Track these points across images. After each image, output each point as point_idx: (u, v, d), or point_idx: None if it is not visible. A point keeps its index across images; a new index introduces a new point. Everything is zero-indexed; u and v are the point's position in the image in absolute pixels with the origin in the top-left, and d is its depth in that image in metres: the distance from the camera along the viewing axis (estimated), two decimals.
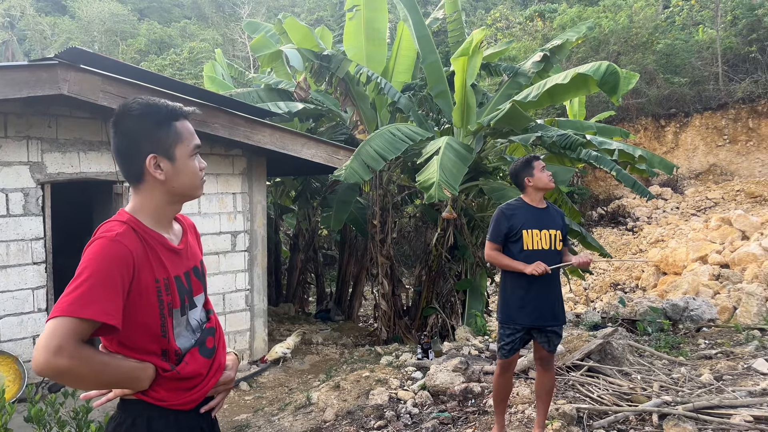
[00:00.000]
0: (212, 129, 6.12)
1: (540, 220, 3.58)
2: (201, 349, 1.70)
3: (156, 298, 1.58)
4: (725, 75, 19.87)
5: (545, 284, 3.49)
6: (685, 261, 12.68)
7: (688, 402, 4.00)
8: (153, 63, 22.23)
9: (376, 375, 5.14)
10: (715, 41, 19.87)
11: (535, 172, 3.60)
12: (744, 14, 20.10)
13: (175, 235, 1.73)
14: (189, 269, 1.72)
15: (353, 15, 8.35)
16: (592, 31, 9.04)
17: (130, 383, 1.59)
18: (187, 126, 1.68)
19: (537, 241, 3.53)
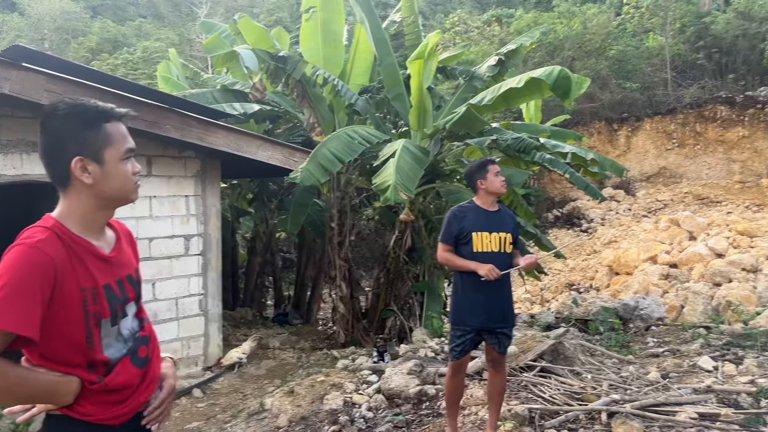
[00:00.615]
0: (164, 130, 5.98)
1: (490, 223, 3.61)
2: (133, 358, 1.63)
3: (81, 308, 1.50)
4: (674, 81, 20.54)
5: (495, 286, 3.51)
6: (637, 261, 13.03)
7: (636, 400, 4.10)
8: (105, 62, 21.64)
9: (331, 379, 5.10)
10: (665, 48, 20.53)
11: (489, 176, 3.63)
12: (691, 22, 20.84)
13: (106, 243, 1.65)
14: (122, 277, 1.65)
15: (309, 16, 8.29)
16: (545, 36, 9.21)
17: (51, 398, 1.51)
18: (120, 128, 1.61)
19: (486, 244, 3.55)
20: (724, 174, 19.07)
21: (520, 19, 22.51)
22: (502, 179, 3.66)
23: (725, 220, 14.09)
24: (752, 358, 5.12)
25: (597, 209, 18.72)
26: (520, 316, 8.01)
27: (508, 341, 3.64)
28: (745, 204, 17.11)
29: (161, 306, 6.60)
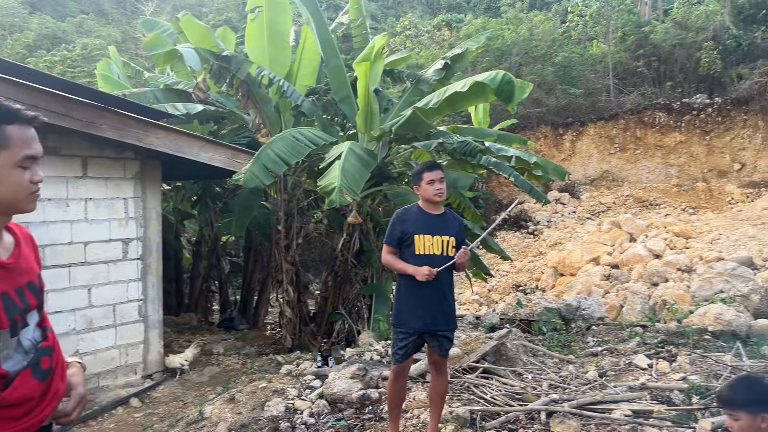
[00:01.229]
0: (100, 130, 5.76)
1: (433, 226, 3.62)
2: (34, 371, 1.54)
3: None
4: (616, 87, 21.24)
5: (436, 289, 3.52)
6: (580, 262, 13.37)
7: (574, 399, 4.18)
8: (42, 59, 20.77)
9: (273, 385, 5.01)
10: (607, 56, 21.20)
11: (423, 184, 3.64)
12: (632, 31, 21.61)
13: (4, 248, 1.55)
14: (22, 285, 1.55)
15: (255, 16, 8.16)
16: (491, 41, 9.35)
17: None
18: (24, 132, 1.51)
19: (429, 246, 3.57)
20: (662, 178, 19.84)
21: (469, 24, 22.85)
22: (438, 187, 3.61)
23: (663, 223, 14.64)
24: (684, 355, 5.30)
25: (543, 212, 19.14)
26: (466, 318, 8.09)
27: (449, 344, 3.65)
28: (681, 207, 17.84)
29: (97, 312, 6.36)
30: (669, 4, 24.82)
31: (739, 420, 2.24)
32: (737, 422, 2.25)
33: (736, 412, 2.26)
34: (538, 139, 20.82)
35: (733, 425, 2.29)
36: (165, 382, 6.59)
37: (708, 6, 20.98)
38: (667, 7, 24.66)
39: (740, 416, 2.24)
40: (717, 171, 19.25)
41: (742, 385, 2.33)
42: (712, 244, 12.57)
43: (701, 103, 19.54)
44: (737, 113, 18.89)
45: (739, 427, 2.25)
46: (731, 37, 19.29)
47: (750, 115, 18.65)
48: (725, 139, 19.14)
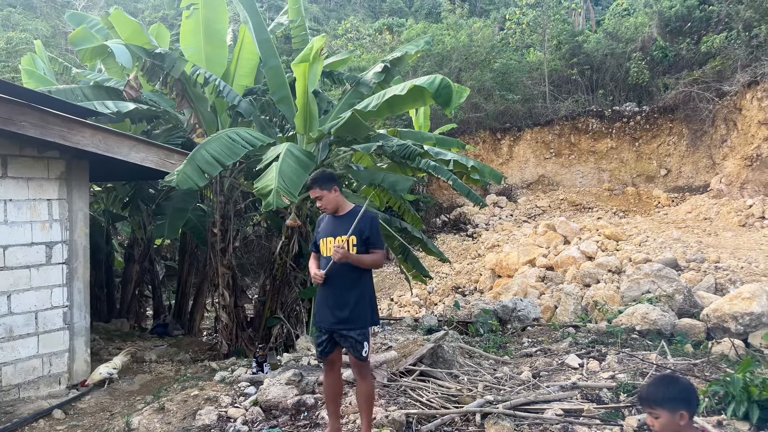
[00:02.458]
0: (20, 128, 5.45)
1: (333, 228, 3.79)
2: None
3: None
4: (551, 94, 21.90)
5: (333, 288, 3.67)
6: (517, 264, 13.68)
7: (508, 400, 4.24)
8: None
9: (206, 393, 4.86)
10: (543, 63, 21.83)
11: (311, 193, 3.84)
12: (567, 40, 22.34)
13: None
14: None
15: (190, 14, 7.93)
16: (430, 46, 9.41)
17: None
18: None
19: (330, 248, 3.70)
20: (595, 182, 20.58)
21: (410, 29, 23.05)
22: (318, 205, 3.82)
23: (595, 225, 15.17)
24: (613, 354, 5.48)
25: (481, 215, 19.49)
26: (405, 320, 8.11)
27: (359, 346, 3.65)
28: (612, 210, 18.55)
29: (18, 320, 6.01)
30: (601, 15, 25.83)
31: (659, 417, 2.33)
32: (657, 420, 2.34)
33: (656, 410, 2.34)
34: (477, 144, 21.21)
35: (654, 423, 2.37)
36: (92, 392, 6.28)
37: (637, 18, 21.94)
38: (599, 18, 25.67)
39: (660, 413, 2.32)
40: (645, 176, 20.13)
41: (661, 383, 2.42)
42: (641, 246, 13.12)
43: (631, 110, 20.41)
44: (664, 121, 19.83)
45: (659, 424, 2.34)
46: (658, 48, 20.24)
47: (675, 123, 19.62)
48: (653, 146, 20.05)
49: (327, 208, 3.78)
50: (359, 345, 3.64)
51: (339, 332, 3.65)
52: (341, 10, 35.45)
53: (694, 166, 19.25)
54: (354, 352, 3.63)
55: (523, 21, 23.56)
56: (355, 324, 3.64)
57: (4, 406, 5.60)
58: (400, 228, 8.48)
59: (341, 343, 3.68)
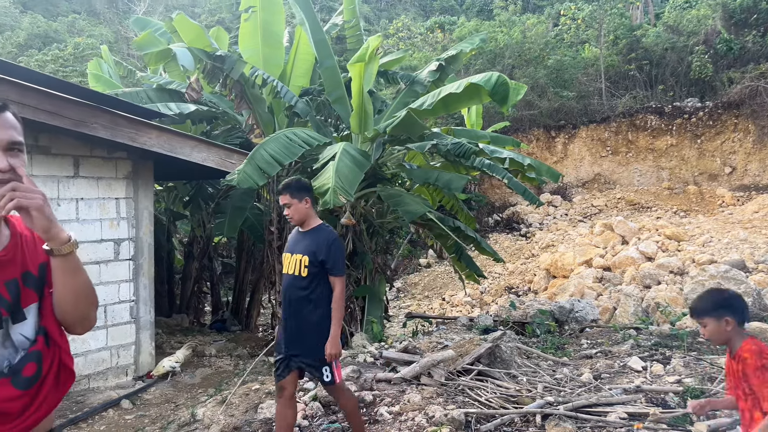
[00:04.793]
0: (91, 129, 5.70)
1: (294, 245, 3.58)
2: (15, 379, 1.46)
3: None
4: (608, 91, 21.33)
5: (288, 314, 3.55)
6: (573, 265, 13.40)
7: (569, 402, 4.16)
8: (33, 58, 20.62)
9: (266, 387, 4.96)
10: (599, 59, 21.30)
11: (280, 198, 3.61)
12: (624, 34, 21.71)
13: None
14: (16, 277, 1.50)
15: (249, 16, 8.11)
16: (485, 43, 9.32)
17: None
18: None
19: (287, 265, 3.57)
20: (653, 180, 19.93)
21: (462, 27, 22.88)
22: (285, 213, 3.55)
23: (655, 225, 14.69)
24: (679, 358, 5.30)
25: (535, 214, 19.18)
26: (459, 320, 8.07)
27: (319, 374, 3.46)
28: (673, 209, 17.92)
29: None
30: (660, 8, 25.00)
31: (707, 326, 2.58)
32: (706, 328, 2.60)
33: (703, 319, 2.59)
34: (530, 142, 20.87)
35: (704, 332, 2.64)
36: (156, 383, 6.52)
37: (699, 10, 21.13)
38: (658, 11, 24.85)
39: (707, 322, 2.58)
40: (708, 174, 19.36)
41: (707, 294, 2.69)
42: (704, 247, 12.64)
43: (692, 106, 19.66)
44: (728, 117, 19.01)
45: (708, 332, 2.60)
46: (723, 41, 19.43)
47: (741, 119, 18.78)
48: (716, 143, 19.26)
49: (294, 218, 3.52)
50: (320, 374, 3.45)
51: (296, 359, 3.49)
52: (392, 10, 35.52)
53: (761, 164, 18.38)
54: (320, 379, 3.48)
55: (579, 16, 23.03)
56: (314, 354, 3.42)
57: (75, 396, 5.88)
58: (453, 227, 8.43)
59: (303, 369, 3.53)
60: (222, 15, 30.79)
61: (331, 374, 3.44)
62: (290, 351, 3.49)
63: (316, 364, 3.44)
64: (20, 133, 1.48)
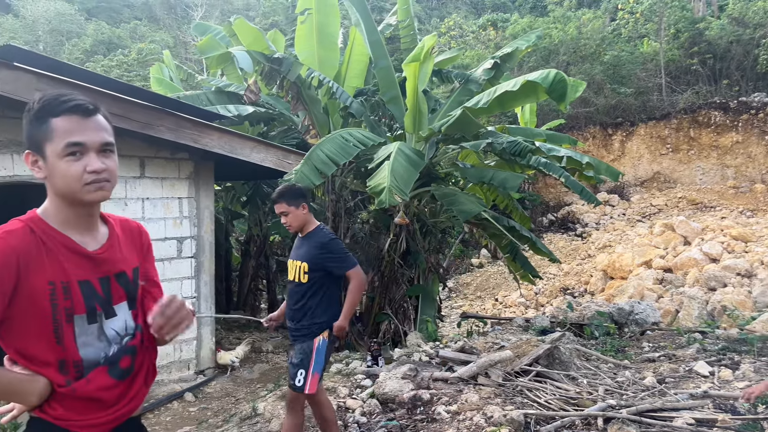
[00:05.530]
0: (157, 132, 5.93)
1: (295, 251, 3.63)
2: (111, 369, 1.55)
3: (48, 301, 1.45)
4: (668, 86, 20.61)
5: (289, 318, 3.64)
6: (631, 266, 13.02)
7: (632, 405, 4.06)
8: (99, 64, 21.56)
9: (324, 383, 5.04)
10: (659, 53, 20.60)
11: (276, 207, 3.61)
12: (686, 28, 20.92)
13: (93, 239, 1.59)
14: (109, 275, 1.58)
15: (305, 19, 8.25)
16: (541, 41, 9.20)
17: (13, 397, 1.46)
18: (67, 122, 1.48)
19: (290, 272, 3.61)
20: (718, 179, 19.13)
21: (515, 24, 22.55)
22: (283, 221, 3.56)
23: (719, 225, 14.11)
24: (748, 363, 5.09)
25: (592, 214, 18.73)
26: (515, 320, 7.98)
27: (293, 375, 3.54)
28: (739, 209, 17.15)
29: None
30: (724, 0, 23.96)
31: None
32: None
33: None
34: (586, 140, 20.38)
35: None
36: (217, 378, 6.72)
37: (766, 1, 20.15)
38: (722, 2, 23.82)
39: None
40: None
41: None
42: None
43: (760, 101, 18.76)
44: None
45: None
46: None
47: None
48: None
49: (292, 225, 3.52)
50: (293, 371, 3.51)
51: None
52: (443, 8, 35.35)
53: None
54: (290, 380, 3.53)
55: (637, 10, 22.32)
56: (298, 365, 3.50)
57: None
58: (508, 226, 8.34)
59: None
60: (275, 18, 31.36)
61: (303, 380, 3.45)
62: None
63: (297, 363, 3.48)
64: (111, 134, 1.57)
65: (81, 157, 1.49)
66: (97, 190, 1.51)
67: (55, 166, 1.48)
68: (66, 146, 1.47)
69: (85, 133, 1.50)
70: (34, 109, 1.50)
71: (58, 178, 1.49)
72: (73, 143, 1.48)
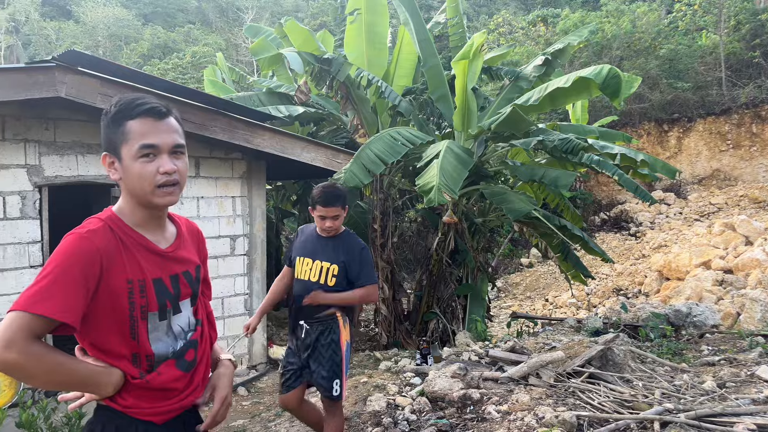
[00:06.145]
0: (211, 132, 6.09)
1: (317, 251, 3.43)
2: (179, 362, 1.64)
3: (127, 299, 1.53)
4: (728, 80, 19.80)
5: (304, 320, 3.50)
6: (688, 266, 12.58)
7: (691, 410, 3.94)
8: (155, 67, 22.28)
9: (374, 380, 5.08)
10: (719, 46, 19.82)
11: (314, 213, 3.42)
12: (747, 19, 20.05)
13: (163, 238, 1.67)
14: (178, 273, 1.67)
15: (354, 19, 8.32)
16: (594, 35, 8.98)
17: (90, 388, 1.53)
18: (141, 125, 1.55)
19: (306, 271, 3.41)
20: None
21: (566, 19, 22.09)
22: (327, 225, 3.37)
23: None
24: None
25: (646, 213, 18.19)
26: (567, 321, 7.84)
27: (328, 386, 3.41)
28: None
29: None
30: None
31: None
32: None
33: None
34: (640, 137, 19.80)
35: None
36: (268, 373, 6.86)
37: None
38: None
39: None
40: None
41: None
42: None
43: None
44: None
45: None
46: None
47: None
48: None
49: (337, 229, 3.43)
50: (327, 391, 3.39)
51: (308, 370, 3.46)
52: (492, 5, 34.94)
53: None
54: (325, 392, 3.40)
55: (695, 2, 21.52)
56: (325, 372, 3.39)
57: None
58: (559, 225, 8.20)
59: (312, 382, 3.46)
60: (324, 18, 31.69)
61: (339, 389, 3.40)
62: (305, 361, 3.46)
63: (329, 375, 3.38)
64: (182, 136, 1.64)
65: (154, 159, 1.56)
66: (166, 195, 1.58)
67: (129, 167, 1.55)
68: (140, 148, 1.54)
69: (159, 136, 1.57)
70: (110, 113, 1.57)
71: (132, 179, 1.56)
72: (146, 145, 1.54)
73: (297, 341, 3.52)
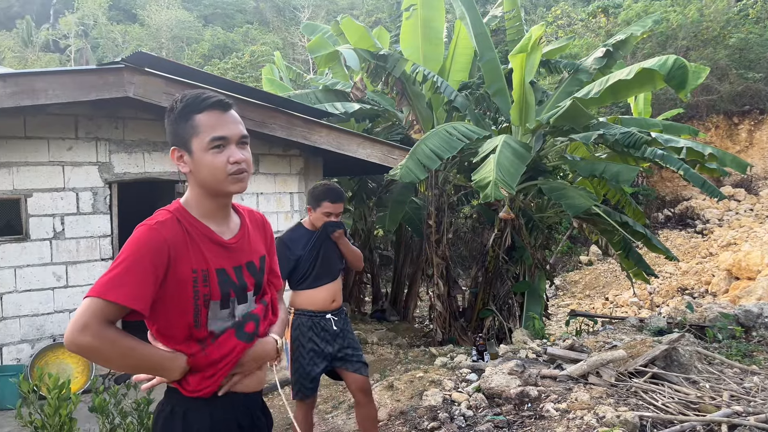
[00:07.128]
0: (270, 129, 6.23)
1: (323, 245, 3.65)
2: (238, 331, 1.68)
3: (191, 288, 1.59)
4: None
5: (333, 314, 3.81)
6: (760, 265, 12.00)
7: (761, 413, 3.76)
8: (216, 67, 22.92)
9: (430, 376, 5.09)
10: None
11: (318, 211, 3.47)
12: None
13: (228, 229, 1.72)
14: (241, 264, 1.72)
15: (410, 14, 8.32)
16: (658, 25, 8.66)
17: (159, 372, 1.62)
18: (210, 117, 1.61)
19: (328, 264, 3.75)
20: None
21: (628, 9, 21.36)
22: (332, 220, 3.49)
23: None
24: None
25: (714, 209, 17.43)
26: (629, 320, 7.62)
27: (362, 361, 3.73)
28: None
29: None
30: None
31: None
32: None
33: None
34: (707, 130, 18.96)
35: None
36: None
37: None
38: None
39: None
40: None
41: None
42: None
43: None
44: None
45: None
46: None
47: None
48: None
49: None
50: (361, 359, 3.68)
51: None
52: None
53: None
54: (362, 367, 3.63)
55: None
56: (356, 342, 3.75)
57: None
58: (620, 222, 7.97)
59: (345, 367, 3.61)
60: (379, 15, 31.78)
61: None
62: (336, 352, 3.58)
63: (360, 352, 3.69)
64: (245, 127, 1.70)
65: (224, 150, 1.62)
66: (237, 182, 1.64)
67: (201, 159, 1.61)
68: (211, 140, 1.60)
69: (227, 127, 1.63)
70: (177, 108, 1.64)
71: (204, 170, 1.62)
72: (217, 137, 1.61)
73: (326, 334, 3.61)
